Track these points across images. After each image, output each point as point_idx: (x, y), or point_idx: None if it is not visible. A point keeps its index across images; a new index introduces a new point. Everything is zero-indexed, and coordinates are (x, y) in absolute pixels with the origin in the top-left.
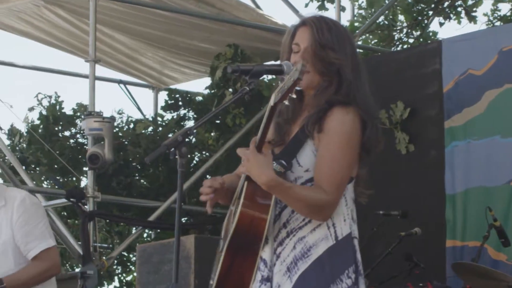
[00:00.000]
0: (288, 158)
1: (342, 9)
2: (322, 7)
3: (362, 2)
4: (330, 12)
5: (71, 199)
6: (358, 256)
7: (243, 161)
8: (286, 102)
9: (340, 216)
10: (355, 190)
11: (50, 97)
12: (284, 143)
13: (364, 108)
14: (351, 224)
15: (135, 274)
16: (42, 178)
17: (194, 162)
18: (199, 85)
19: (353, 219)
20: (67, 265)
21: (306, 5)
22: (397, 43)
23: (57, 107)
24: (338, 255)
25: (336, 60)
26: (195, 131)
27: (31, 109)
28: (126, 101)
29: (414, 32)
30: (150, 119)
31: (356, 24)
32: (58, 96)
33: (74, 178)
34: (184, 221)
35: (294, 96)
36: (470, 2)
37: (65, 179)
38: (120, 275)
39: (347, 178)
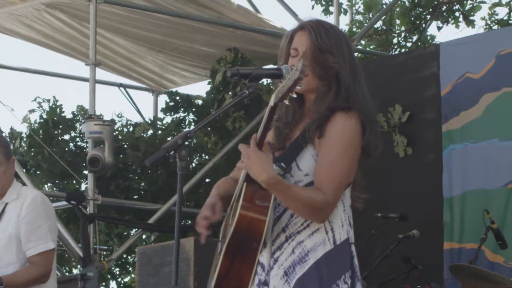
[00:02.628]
0: (288, 161)
1: (344, 12)
2: (326, 11)
3: (359, 7)
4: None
5: (72, 202)
6: (355, 261)
7: (243, 158)
8: (287, 102)
9: (338, 221)
10: (351, 194)
11: (49, 100)
12: (284, 147)
13: (364, 111)
14: (348, 230)
15: (133, 275)
16: (43, 181)
17: (193, 165)
18: (199, 88)
19: (350, 224)
20: (66, 267)
21: (313, 7)
22: (395, 47)
23: (57, 110)
24: (335, 260)
25: (335, 64)
26: (194, 134)
27: (31, 111)
28: (126, 105)
29: (412, 36)
30: (149, 122)
31: (353, 29)
32: (57, 100)
33: (74, 181)
34: (183, 224)
35: (294, 95)
36: (468, 7)
37: (65, 182)
38: (118, 277)
39: (346, 182)
